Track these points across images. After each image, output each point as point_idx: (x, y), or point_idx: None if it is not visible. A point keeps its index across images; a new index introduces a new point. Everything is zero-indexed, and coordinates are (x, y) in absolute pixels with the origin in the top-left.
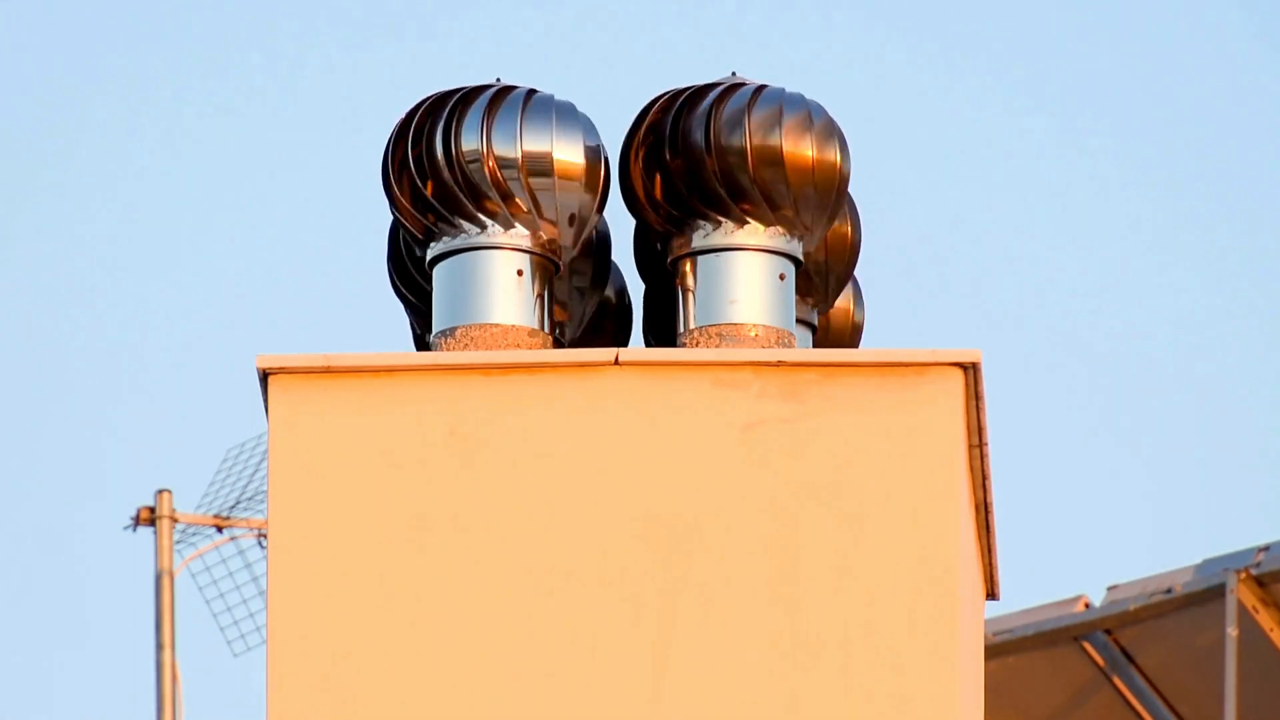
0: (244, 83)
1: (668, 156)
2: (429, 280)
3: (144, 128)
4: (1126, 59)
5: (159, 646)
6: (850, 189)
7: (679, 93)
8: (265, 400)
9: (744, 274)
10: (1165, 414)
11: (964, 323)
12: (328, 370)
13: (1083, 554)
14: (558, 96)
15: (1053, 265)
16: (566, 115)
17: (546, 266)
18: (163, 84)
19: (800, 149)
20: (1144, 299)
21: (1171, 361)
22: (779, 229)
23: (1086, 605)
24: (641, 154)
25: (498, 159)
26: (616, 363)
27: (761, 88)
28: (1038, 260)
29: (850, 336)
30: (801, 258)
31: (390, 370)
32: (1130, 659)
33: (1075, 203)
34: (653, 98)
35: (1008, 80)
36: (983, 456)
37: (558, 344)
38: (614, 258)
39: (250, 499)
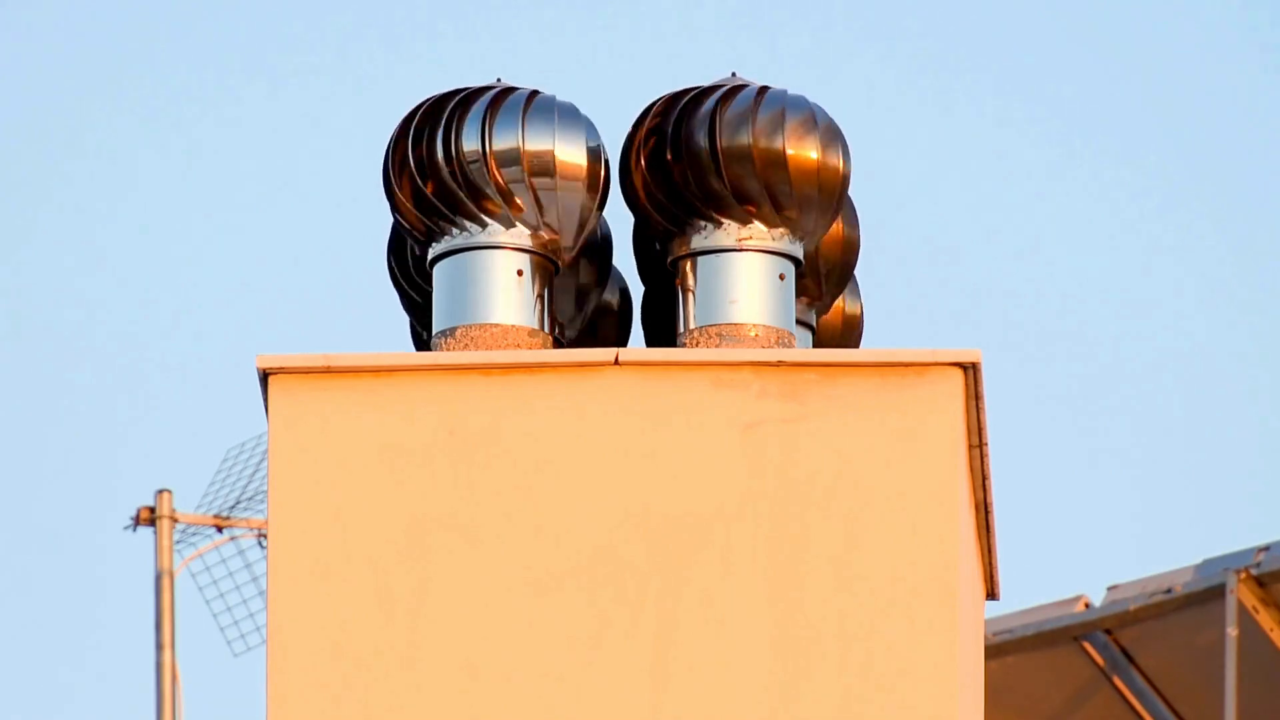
0: (244, 83)
1: (670, 157)
2: (429, 280)
3: (144, 129)
4: (1126, 61)
5: (159, 646)
6: (850, 189)
7: (681, 93)
8: (265, 400)
9: (744, 274)
10: (1165, 414)
11: (964, 323)
12: (328, 370)
13: (1083, 554)
14: (557, 98)
15: (1053, 265)
16: (568, 116)
17: (546, 266)
18: (162, 85)
19: (804, 151)
20: (1143, 298)
21: (1171, 361)
22: (782, 229)
23: (1086, 605)
24: (644, 155)
25: (499, 158)
26: (616, 363)
27: (764, 89)
28: (1038, 260)
29: (849, 335)
30: (801, 258)
31: (390, 370)
32: (1130, 659)
33: (1075, 203)
34: (654, 99)
35: (1007, 81)
36: (983, 456)
37: (558, 344)
38: (614, 258)
39: (250, 499)
